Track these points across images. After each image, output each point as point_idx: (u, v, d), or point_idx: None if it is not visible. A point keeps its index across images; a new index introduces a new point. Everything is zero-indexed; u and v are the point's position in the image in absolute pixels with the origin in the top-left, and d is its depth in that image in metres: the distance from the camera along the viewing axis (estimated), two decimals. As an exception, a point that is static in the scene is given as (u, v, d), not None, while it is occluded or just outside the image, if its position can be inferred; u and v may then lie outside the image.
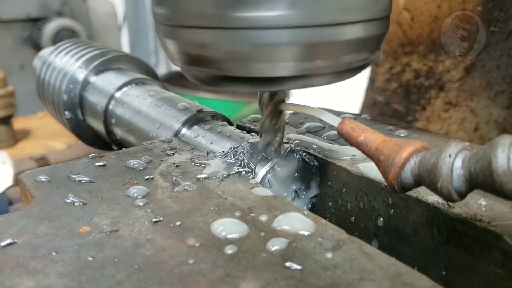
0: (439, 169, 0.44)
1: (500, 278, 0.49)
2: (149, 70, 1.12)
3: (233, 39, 0.54)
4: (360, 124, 0.55)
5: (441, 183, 0.44)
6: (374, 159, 0.52)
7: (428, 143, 0.50)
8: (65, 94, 1.06)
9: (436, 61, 1.36)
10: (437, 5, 1.33)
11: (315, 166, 0.69)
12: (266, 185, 0.65)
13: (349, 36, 0.56)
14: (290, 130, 0.80)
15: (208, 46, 0.56)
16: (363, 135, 0.53)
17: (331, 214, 0.69)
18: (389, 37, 1.47)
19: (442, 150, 0.45)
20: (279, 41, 0.54)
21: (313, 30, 0.54)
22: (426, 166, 0.46)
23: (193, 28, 0.56)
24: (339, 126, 0.56)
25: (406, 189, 0.50)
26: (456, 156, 0.44)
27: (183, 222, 0.53)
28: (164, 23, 0.60)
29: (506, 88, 1.19)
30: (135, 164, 0.67)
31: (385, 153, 0.50)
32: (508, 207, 0.54)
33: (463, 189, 0.44)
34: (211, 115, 0.83)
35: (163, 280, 0.43)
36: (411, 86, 1.42)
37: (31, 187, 0.61)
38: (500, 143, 0.41)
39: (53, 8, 3.13)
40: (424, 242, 0.56)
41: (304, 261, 0.45)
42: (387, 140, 0.51)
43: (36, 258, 0.47)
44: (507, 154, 0.40)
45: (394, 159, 0.48)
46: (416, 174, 0.47)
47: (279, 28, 0.53)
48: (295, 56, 0.55)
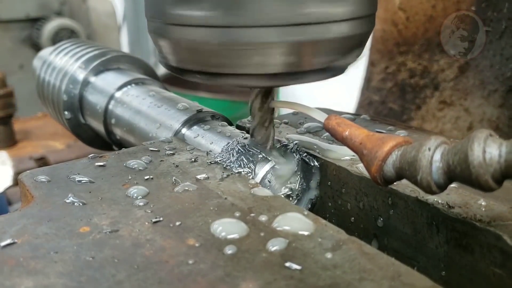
0: (419, 162, 0.46)
1: (500, 278, 0.49)
2: (149, 70, 1.12)
3: (224, 36, 0.56)
4: (345, 120, 0.57)
5: (421, 175, 0.46)
6: (358, 153, 0.54)
7: (410, 138, 0.51)
8: (65, 94, 1.06)
9: (431, 61, 1.37)
10: (432, 5, 1.35)
11: (315, 166, 0.69)
12: (266, 185, 0.65)
13: (336, 34, 0.58)
14: (290, 130, 0.80)
15: (200, 43, 0.58)
16: (348, 130, 0.55)
17: (331, 214, 0.69)
18: (384, 37, 1.48)
19: (422, 144, 0.47)
20: (269, 39, 0.55)
21: (301, 28, 0.56)
22: (407, 159, 0.48)
23: (186, 27, 0.58)
24: (325, 121, 0.59)
25: (389, 182, 0.51)
26: (435, 149, 0.46)
27: (183, 222, 0.53)
28: (157, 22, 0.62)
29: (499, 87, 1.20)
30: (135, 164, 0.67)
31: (368, 147, 0.52)
32: (507, 207, 0.54)
33: (442, 181, 0.46)
34: (210, 115, 0.83)
35: (163, 280, 0.43)
36: (406, 85, 1.44)
37: (31, 187, 0.61)
38: (477, 137, 0.43)
39: (53, 8, 3.13)
40: (423, 242, 0.56)
41: (304, 261, 0.45)
42: (370, 135, 0.53)
43: (36, 258, 0.47)
44: (483, 147, 0.42)
45: (376, 152, 0.50)
46: (398, 167, 0.49)
47: (269, 26, 0.55)
48: (285, 53, 0.57)
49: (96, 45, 1.17)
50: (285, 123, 0.84)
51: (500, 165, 0.42)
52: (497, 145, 0.43)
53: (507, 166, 0.42)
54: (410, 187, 0.58)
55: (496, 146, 0.43)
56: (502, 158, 0.42)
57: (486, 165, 0.42)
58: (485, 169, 0.42)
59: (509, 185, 0.59)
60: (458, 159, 0.44)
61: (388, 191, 0.60)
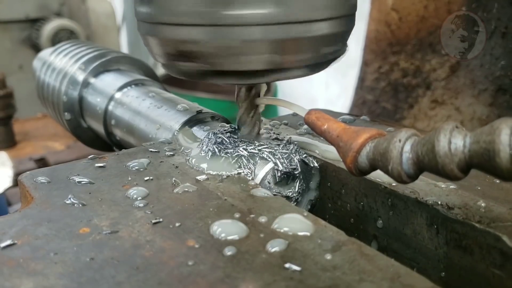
0: (390, 152, 0.49)
1: (499, 279, 0.49)
2: (148, 71, 1.12)
3: (212, 35, 0.59)
4: (325, 114, 0.60)
5: (392, 165, 0.49)
6: (335, 145, 0.57)
7: (384, 131, 0.54)
8: (64, 95, 1.07)
9: (423, 60, 1.40)
10: (424, 5, 1.37)
11: (315, 167, 0.69)
12: (266, 186, 0.65)
13: (317, 33, 0.61)
14: (290, 131, 0.80)
15: (188, 42, 0.61)
16: (326, 124, 0.59)
17: (330, 215, 0.69)
18: (378, 37, 1.50)
19: (394, 135, 0.49)
20: (254, 37, 0.59)
21: (285, 27, 0.59)
22: (379, 150, 0.50)
23: (175, 26, 0.61)
24: (306, 116, 0.62)
25: (363, 172, 0.54)
26: (406, 141, 0.49)
27: (183, 223, 0.53)
28: (148, 21, 0.65)
29: (489, 86, 1.23)
30: (135, 165, 0.67)
31: (344, 140, 0.55)
32: (507, 208, 0.54)
33: (412, 171, 0.49)
34: (210, 116, 0.83)
35: (163, 281, 0.43)
36: (399, 85, 1.46)
37: (31, 188, 0.61)
38: (443, 128, 0.46)
39: (52, 9, 3.13)
40: (423, 243, 0.56)
41: (304, 262, 0.45)
42: (346, 128, 0.56)
43: (36, 259, 0.47)
44: (449, 138, 0.45)
45: (351, 144, 0.53)
46: (371, 158, 0.52)
47: (254, 25, 0.58)
48: (269, 51, 0.60)
49: (96, 46, 1.17)
50: (285, 124, 0.84)
51: (465, 155, 0.44)
52: (462, 136, 0.45)
53: (471, 156, 0.44)
54: (409, 188, 0.58)
55: (461, 137, 0.45)
56: (466, 149, 0.44)
57: (451, 155, 0.45)
58: (451, 158, 0.45)
59: (508, 186, 0.59)
60: (426, 149, 0.46)
61: (388, 192, 0.60)
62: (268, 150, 0.67)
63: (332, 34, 0.63)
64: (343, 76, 2.67)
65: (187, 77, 0.67)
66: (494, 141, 0.42)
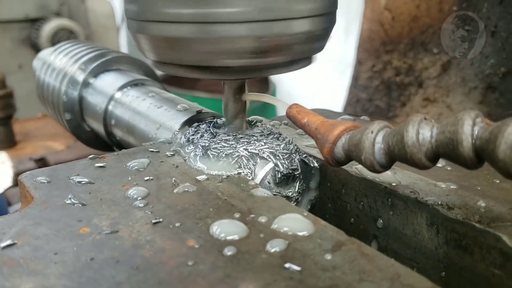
0: (362, 143, 0.52)
1: (499, 279, 0.49)
2: (148, 71, 1.12)
3: (197, 32, 0.61)
4: (305, 109, 0.63)
5: (365, 155, 0.51)
6: (313, 137, 0.59)
7: (359, 123, 0.57)
8: (65, 95, 1.06)
9: (415, 59, 1.41)
10: (416, 5, 1.39)
11: (315, 167, 0.69)
12: (266, 186, 0.65)
13: (297, 30, 0.64)
14: (290, 131, 0.80)
15: (175, 39, 0.63)
16: (306, 117, 0.61)
17: (330, 215, 0.69)
18: (371, 36, 1.51)
19: (366, 127, 0.52)
20: (238, 33, 0.61)
21: (266, 24, 0.61)
22: (354, 141, 0.53)
23: (162, 23, 0.64)
24: (287, 110, 0.65)
25: (340, 163, 0.57)
26: (378, 132, 0.51)
27: (183, 223, 0.53)
28: (136, 19, 0.67)
29: (479, 84, 1.25)
30: (135, 165, 0.67)
31: (321, 132, 0.57)
32: (507, 208, 0.54)
33: (384, 161, 0.51)
34: (210, 116, 0.83)
35: (163, 281, 0.43)
36: (392, 83, 1.48)
37: (31, 188, 0.61)
38: (412, 120, 0.48)
39: (52, 9, 3.13)
40: (423, 243, 0.56)
41: (304, 262, 0.45)
42: (324, 121, 0.59)
43: (36, 259, 0.47)
44: (417, 129, 0.47)
45: (328, 136, 0.56)
46: (346, 149, 0.55)
47: (237, 23, 0.60)
48: (252, 47, 0.62)
49: (96, 46, 1.17)
50: (285, 124, 0.84)
51: (432, 144, 0.47)
52: (429, 127, 0.47)
53: (438, 146, 0.46)
54: (409, 188, 0.58)
55: (428, 128, 0.47)
56: (433, 139, 0.47)
57: (419, 145, 0.47)
58: (418, 148, 0.47)
59: (508, 186, 0.59)
60: (396, 140, 0.49)
61: (388, 192, 0.60)
62: (269, 150, 0.67)
63: (313, 31, 0.66)
64: (341, 74, 2.68)
65: (174, 73, 0.69)
66: (457, 132, 0.44)
